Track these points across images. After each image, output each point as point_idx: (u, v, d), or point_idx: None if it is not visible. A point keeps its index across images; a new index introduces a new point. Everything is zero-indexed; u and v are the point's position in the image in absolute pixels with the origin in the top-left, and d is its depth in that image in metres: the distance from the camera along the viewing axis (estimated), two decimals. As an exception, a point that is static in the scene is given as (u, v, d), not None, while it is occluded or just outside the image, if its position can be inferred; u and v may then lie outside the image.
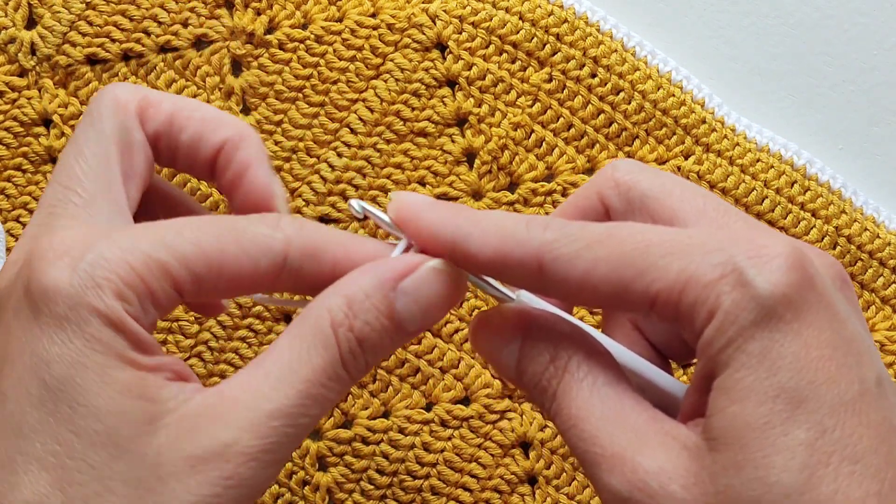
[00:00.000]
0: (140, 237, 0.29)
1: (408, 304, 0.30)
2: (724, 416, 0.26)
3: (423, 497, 0.48)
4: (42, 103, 0.49)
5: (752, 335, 0.26)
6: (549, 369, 0.30)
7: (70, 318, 0.28)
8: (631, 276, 0.28)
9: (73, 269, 0.28)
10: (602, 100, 0.49)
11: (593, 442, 0.28)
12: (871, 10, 0.51)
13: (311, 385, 0.29)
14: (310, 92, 0.49)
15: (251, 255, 0.30)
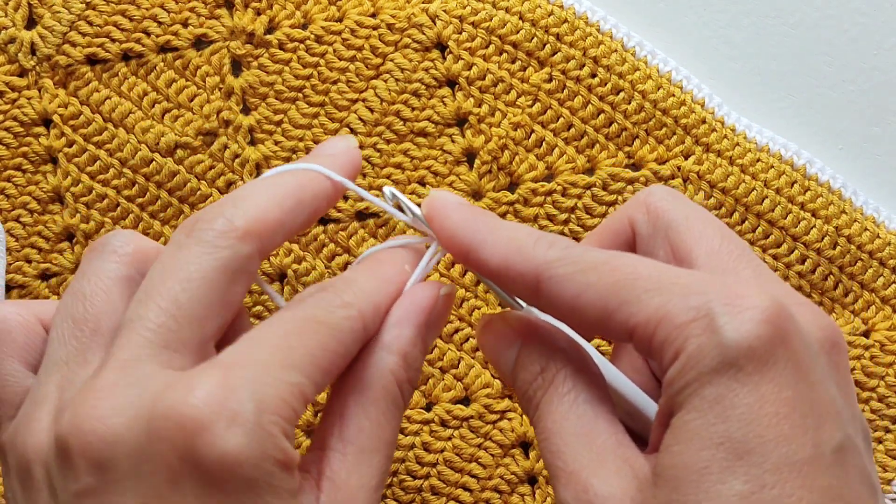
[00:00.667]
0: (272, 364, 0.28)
1: (431, 336, 0.33)
2: (669, 455, 0.27)
3: (423, 497, 0.48)
4: (42, 103, 0.49)
5: (709, 381, 0.27)
6: (538, 380, 0.31)
7: (259, 479, 0.27)
8: (614, 305, 0.28)
9: (245, 427, 0.26)
10: (602, 100, 0.49)
11: (558, 456, 0.29)
12: (871, 10, 0.51)
13: (391, 446, 0.31)
14: (310, 92, 0.49)
15: (346, 345, 0.30)
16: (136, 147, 0.49)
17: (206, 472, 0.26)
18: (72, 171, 0.49)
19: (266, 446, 0.26)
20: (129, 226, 0.49)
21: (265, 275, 0.49)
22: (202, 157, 0.49)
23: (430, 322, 0.32)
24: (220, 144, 0.49)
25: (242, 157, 0.49)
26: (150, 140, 0.49)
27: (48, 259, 0.49)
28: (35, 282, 0.49)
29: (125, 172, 0.49)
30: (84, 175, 0.49)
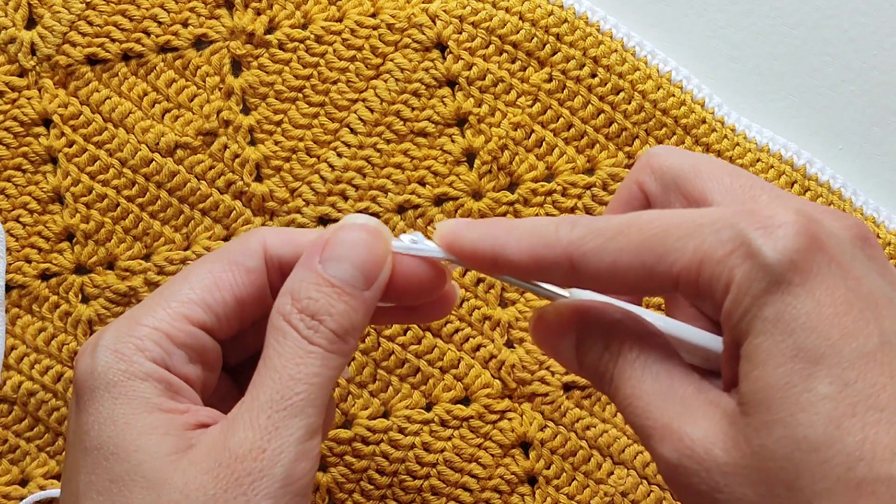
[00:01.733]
0: (147, 302, 0.34)
1: (336, 267, 0.33)
2: (749, 382, 0.28)
3: (423, 497, 0.48)
4: (42, 103, 0.49)
5: (765, 302, 0.28)
6: (605, 356, 0.32)
7: (98, 386, 0.32)
8: (653, 261, 0.29)
9: (94, 349, 0.33)
10: (602, 100, 0.49)
11: (646, 416, 0.30)
12: (871, 10, 0.51)
13: (286, 369, 0.32)
14: (310, 92, 0.49)
15: (237, 262, 0.34)
16: (136, 147, 0.49)
17: (74, 390, 0.33)
18: (72, 171, 0.49)
19: (109, 361, 0.32)
20: (129, 226, 0.49)
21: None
22: (202, 157, 0.49)
23: (326, 256, 0.33)
24: (220, 144, 0.49)
25: (242, 157, 0.49)
26: (150, 140, 0.49)
27: (48, 259, 0.49)
28: (35, 282, 0.49)
29: (125, 172, 0.49)
30: (84, 175, 0.49)
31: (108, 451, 0.31)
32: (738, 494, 0.28)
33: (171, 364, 0.33)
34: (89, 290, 0.49)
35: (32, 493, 0.48)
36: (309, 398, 0.32)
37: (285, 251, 0.35)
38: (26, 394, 0.49)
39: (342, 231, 0.34)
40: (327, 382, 0.32)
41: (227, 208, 0.49)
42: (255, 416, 0.31)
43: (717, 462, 0.28)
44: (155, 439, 0.31)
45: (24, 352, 0.49)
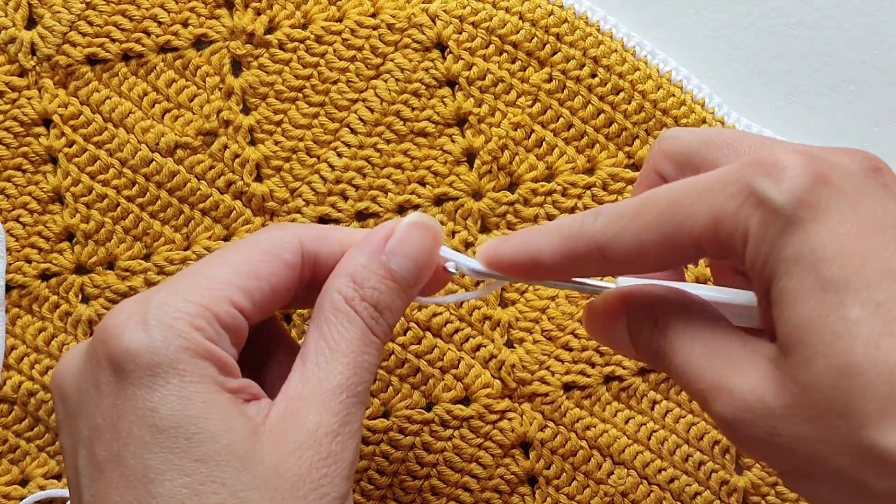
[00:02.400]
0: (187, 278, 0.34)
1: (400, 262, 0.34)
2: (783, 323, 0.28)
3: (423, 497, 0.48)
4: (42, 103, 0.49)
5: (783, 244, 0.28)
6: (654, 333, 0.33)
7: (161, 363, 0.31)
8: (672, 231, 0.30)
9: (144, 322, 0.32)
10: (602, 100, 0.49)
11: (698, 381, 0.30)
12: (871, 10, 0.51)
13: (354, 356, 0.33)
14: (310, 92, 0.49)
15: (275, 254, 0.35)
16: (136, 147, 0.49)
17: (116, 365, 0.32)
18: (72, 171, 0.49)
19: (166, 336, 0.32)
20: (129, 226, 0.49)
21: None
22: (202, 157, 0.49)
23: (391, 248, 0.34)
24: (220, 144, 0.49)
25: (242, 157, 0.49)
26: (150, 140, 0.49)
27: (48, 259, 0.49)
28: (35, 282, 0.49)
29: (125, 172, 0.49)
30: (84, 175, 0.49)
31: (189, 432, 0.31)
32: (795, 435, 0.28)
33: (221, 345, 0.33)
34: (89, 290, 0.49)
35: (32, 493, 0.48)
36: (368, 387, 0.33)
37: (321, 248, 0.36)
38: (26, 394, 0.49)
39: (410, 227, 0.35)
40: (377, 373, 0.34)
41: (227, 208, 0.49)
42: (329, 399, 0.32)
43: (769, 408, 0.28)
44: (236, 419, 0.31)
45: (24, 352, 0.49)
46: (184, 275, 0.34)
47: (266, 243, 0.35)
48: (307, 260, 0.36)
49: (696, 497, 0.48)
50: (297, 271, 0.35)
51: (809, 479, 0.29)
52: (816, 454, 0.28)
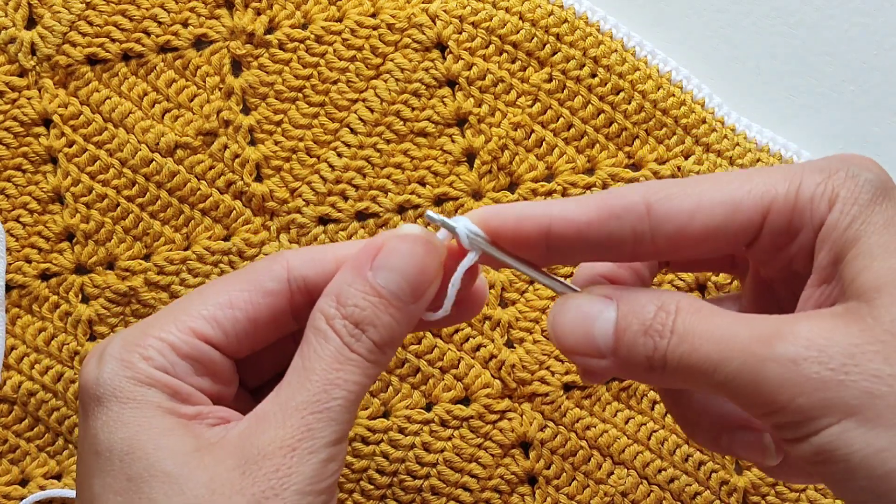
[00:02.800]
0: (161, 312, 0.34)
1: (386, 277, 0.33)
2: (871, 271, 0.29)
3: (423, 497, 0.48)
4: (42, 103, 0.49)
5: (873, 210, 0.30)
6: (660, 314, 0.31)
7: (105, 393, 0.32)
8: (741, 194, 0.31)
9: (101, 357, 0.33)
10: (602, 100, 0.49)
11: (734, 337, 0.30)
12: (871, 10, 0.51)
13: (325, 373, 0.32)
14: (310, 92, 0.49)
15: (256, 282, 0.34)
16: (136, 147, 0.49)
17: (80, 397, 0.34)
18: (72, 171, 0.49)
19: (115, 368, 0.33)
20: (129, 226, 0.49)
21: (265, 275, 0.49)
22: (202, 157, 0.49)
23: (378, 263, 0.33)
24: (220, 144, 0.49)
25: (242, 157, 0.49)
26: (150, 140, 0.49)
27: (48, 259, 0.49)
28: (35, 282, 0.49)
29: (125, 172, 0.49)
30: (84, 175, 0.49)
31: (122, 452, 0.31)
32: (871, 371, 0.28)
33: (176, 373, 0.33)
34: (89, 290, 0.49)
35: (32, 493, 0.48)
36: (345, 405, 0.32)
37: (310, 271, 0.35)
38: (26, 394, 0.49)
39: (396, 240, 0.33)
40: (362, 390, 0.32)
41: (227, 208, 0.49)
42: (288, 416, 0.31)
43: (841, 346, 0.28)
44: (173, 438, 0.32)
45: (24, 352, 0.49)
46: (163, 309, 0.35)
47: (249, 272, 0.35)
48: (296, 285, 0.35)
49: (696, 497, 0.48)
50: (282, 298, 0.35)
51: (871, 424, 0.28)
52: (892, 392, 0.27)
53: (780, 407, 0.28)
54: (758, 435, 0.35)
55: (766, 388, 0.28)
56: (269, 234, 0.49)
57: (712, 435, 0.36)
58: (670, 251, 0.33)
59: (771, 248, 0.32)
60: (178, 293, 0.49)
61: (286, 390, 0.32)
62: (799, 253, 0.32)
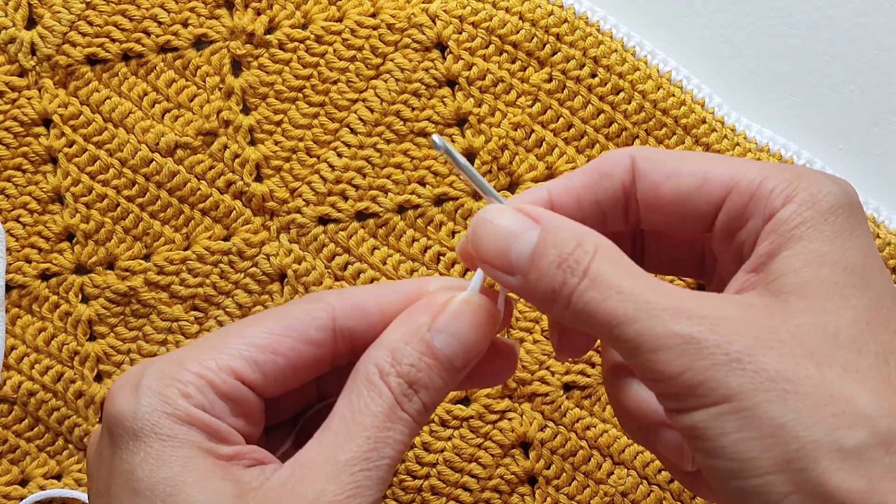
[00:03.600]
0: (198, 345, 0.34)
1: (445, 341, 0.33)
2: (798, 275, 0.30)
3: (423, 497, 0.48)
4: (42, 103, 0.49)
5: (825, 219, 0.31)
6: (578, 251, 0.31)
7: (143, 428, 0.31)
8: (713, 170, 0.33)
9: (136, 388, 0.32)
10: (602, 100, 0.49)
11: (646, 300, 0.30)
12: (871, 10, 0.51)
13: (376, 430, 0.31)
14: (310, 92, 0.49)
15: (300, 330, 0.33)
16: (136, 147, 0.49)
17: (109, 430, 0.32)
18: (72, 171, 0.49)
19: (153, 401, 0.32)
20: (129, 226, 0.49)
21: (266, 275, 0.49)
22: (202, 157, 0.49)
23: (438, 326, 0.32)
24: (220, 144, 0.49)
25: (242, 157, 0.49)
26: (150, 140, 0.49)
27: (48, 259, 0.49)
28: (35, 282, 0.49)
29: (125, 172, 0.49)
30: (84, 175, 0.49)
31: (164, 493, 0.31)
32: (761, 364, 0.29)
33: (213, 412, 0.32)
34: (89, 290, 0.49)
35: (32, 493, 0.48)
36: (391, 464, 0.31)
37: (356, 323, 0.34)
38: (26, 394, 0.49)
39: (463, 305, 0.33)
40: (405, 451, 0.32)
41: (227, 208, 0.49)
42: (339, 471, 0.31)
43: (744, 336, 0.29)
44: (216, 481, 0.31)
45: (24, 352, 0.49)
46: (199, 341, 0.34)
47: (292, 317, 0.34)
48: (341, 335, 0.34)
49: (696, 497, 0.48)
50: (325, 348, 0.34)
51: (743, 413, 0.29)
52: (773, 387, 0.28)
53: (667, 377, 0.29)
54: (678, 436, 0.35)
55: (661, 357, 0.29)
56: (269, 234, 0.49)
57: (641, 428, 0.37)
58: (647, 209, 0.34)
59: (727, 229, 0.33)
60: (178, 293, 0.49)
61: (333, 441, 0.31)
62: (747, 241, 0.33)
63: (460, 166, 0.33)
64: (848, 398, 0.28)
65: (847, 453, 0.28)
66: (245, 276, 0.49)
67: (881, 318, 0.30)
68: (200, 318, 0.49)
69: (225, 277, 0.49)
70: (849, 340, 0.29)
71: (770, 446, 0.28)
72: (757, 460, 0.28)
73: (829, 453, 0.28)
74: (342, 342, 0.34)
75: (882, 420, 0.28)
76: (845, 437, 0.28)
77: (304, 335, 0.34)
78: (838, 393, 0.28)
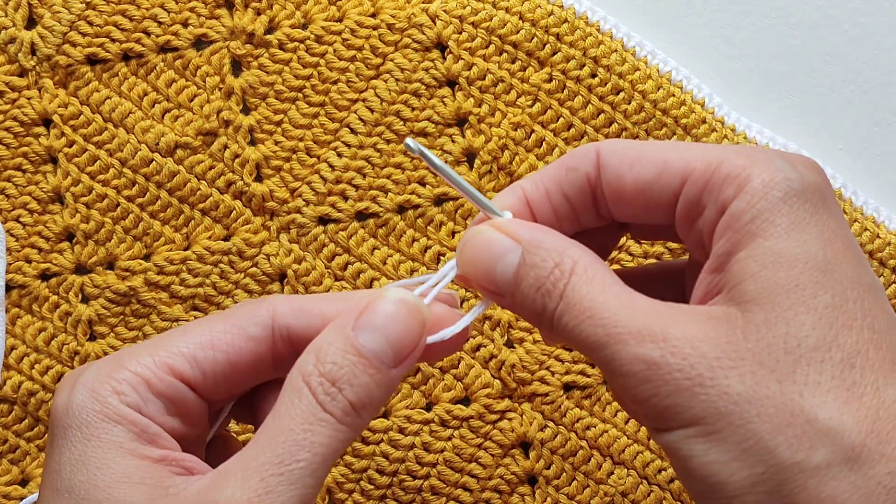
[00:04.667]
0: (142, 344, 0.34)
1: (371, 338, 0.32)
2: (756, 280, 0.29)
3: (423, 497, 0.48)
4: (42, 103, 0.49)
5: (780, 210, 0.29)
6: (555, 272, 0.31)
7: (71, 425, 0.32)
8: (672, 158, 0.32)
9: (73, 386, 0.32)
10: (602, 100, 0.49)
11: (614, 324, 0.30)
12: (871, 10, 0.51)
13: (293, 432, 0.31)
14: (310, 92, 0.49)
15: (240, 326, 0.33)
16: (136, 147, 0.49)
17: (49, 429, 0.33)
18: (72, 171, 0.49)
19: (85, 399, 0.32)
20: (129, 226, 0.49)
21: (266, 275, 0.49)
22: (202, 157, 0.49)
23: (362, 323, 0.32)
24: (220, 144, 0.49)
25: (242, 157, 0.49)
26: (150, 140, 0.49)
27: (48, 259, 0.49)
28: (35, 282, 0.49)
29: (125, 172, 0.49)
30: (84, 175, 0.49)
31: (79, 496, 0.31)
32: (723, 387, 0.28)
33: (146, 411, 0.32)
34: (89, 290, 0.49)
35: (32, 493, 0.48)
36: (310, 468, 0.30)
37: (295, 321, 0.34)
38: (26, 394, 0.49)
39: (382, 301, 0.32)
40: (332, 455, 0.31)
41: (227, 208, 0.49)
42: (249, 476, 0.30)
43: (704, 357, 0.29)
44: (128, 488, 0.31)
45: (24, 352, 0.49)
46: (145, 341, 0.34)
47: (234, 314, 0.34)
48: (280, 334, 0.34)
49: (696, 497, 0.48)
50: (264, 345, 0.34)
51: (710, 437, 0.29)
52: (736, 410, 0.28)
53: (639, 401, 0.29)
54: None
55: (630, 382, 0.29)
56: (269, 234, 0.49)
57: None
58: (613, 202, 0.33)
59: (686, 218, 0.32)
60: (178, 293, 0.49)
61: (252, 448, 0.31)
62: (704, 229, 0.32)
63: (437, 168, 0.33)
64: (809, 416, 0.28)
65: (811, 473, 0.27)
66: (245, 276, 0.49)
67: (846, 317, 0.29)
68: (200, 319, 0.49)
69: (225, 277, 0.49)
70: (811, 350, 0.28)
71: (737, 470, 0.28)
72: (726, 483, 0.28)
73: (795, 475, 0.28)
74: (282, 343, 0.34)
75: (844, 436, 0.28)
76: (808, 457, 0.28)
77: (243, 331, 0.34)
78: (799, 411, 0.28)
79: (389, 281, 0.49)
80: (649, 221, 0.34)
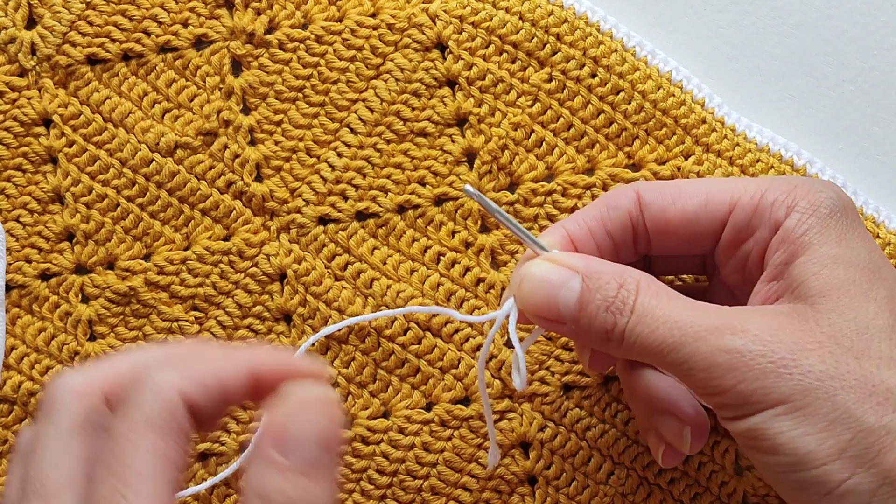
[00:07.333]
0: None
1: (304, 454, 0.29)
2: (819, 278, 0.34)
3: (423, 497, 0.48)
4: (42, 103, 0.49)
5: (828, 224, 0.35)
6: (622, 292, 0.34)
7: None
8: (714, 190, 0.36)
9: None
10: (602, 100, 0.49)
11: (690, 324, 0.33)
12: (871, 10, 0.51)
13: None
14: (310, 92, 0.49)
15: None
16: (136, 147, 0.49)
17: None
18: (72, 171, 0.49)
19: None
20: (129, 226, 0.49)
21: (266, 275, 0.49)
22: (202, 157, 0.49)
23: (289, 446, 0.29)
24: (220, 144, 0.49)
25: (242, 157, 0.49)
26: (150, 140, 0.49)
27: (48, 259, 0.49)
28: (35, 282, 0.49)
29: (125, 172, 0.49)
30: (84, 175, 0.49)
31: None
32: (806, 367, 0.32)
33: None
34: (89, 290, 0.49)
35: (32, 493, 0.48)
36: None
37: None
38: (26, 394, 0.49)
39: (297, 415, 0.30)
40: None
41: (227, 208, 0.49)
42: None
43: (783, 343, 0.32)
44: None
45: (24, 352, 0.49)
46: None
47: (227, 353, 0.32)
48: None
49: (695, 498, 0.48)
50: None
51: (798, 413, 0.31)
52: (821, 386, 0.32)
53: (723, 390, 0.33)
54: (680, 424, 0.40)
55: (713, 373, 0.32)
56: (269, 234, 0.49)
57: (646, 411, 0.41)
58: (657, 235, 0.37)
59: (732, 243, 0.37)
60: (178, 293, 0.49)
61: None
62: (754, 249, 0.36)
63: (494, 213, 0.37)
64: (889, 385, 0.32)
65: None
66: (245, 276, 0.49)
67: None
68: (200, 318, 0.49)
69: (225, 277, 0.49)
70: (879, 331, 0.32)
71: (826, 438, 0.31)
72: (814, 453, 0.31)
73: (882, 437, 0.31)
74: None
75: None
76: (893, 420, 0.31)
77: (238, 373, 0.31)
78: (879, 381, 0.32)
79: (389, 281, 0.49)
80: (689, 252, 0.38)
